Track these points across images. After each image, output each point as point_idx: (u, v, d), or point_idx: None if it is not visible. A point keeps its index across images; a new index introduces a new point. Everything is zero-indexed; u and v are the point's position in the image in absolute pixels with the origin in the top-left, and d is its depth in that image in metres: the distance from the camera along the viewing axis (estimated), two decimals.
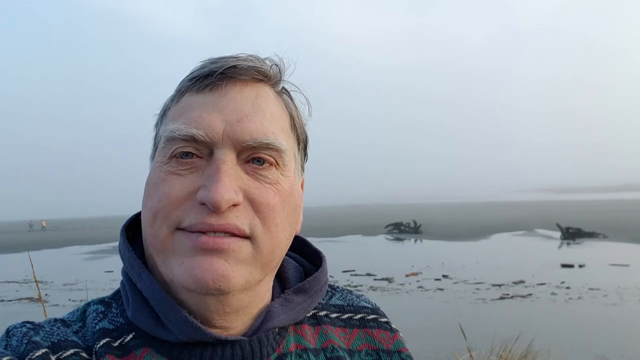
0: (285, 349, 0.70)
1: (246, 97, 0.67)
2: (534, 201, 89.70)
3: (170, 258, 0.63)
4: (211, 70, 0.67)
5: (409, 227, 34.41)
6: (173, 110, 0.68)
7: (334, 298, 0.82)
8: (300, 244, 0.83)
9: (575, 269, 16.27)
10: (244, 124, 0.65)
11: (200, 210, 0.62)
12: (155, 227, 0.64)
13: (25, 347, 0.61)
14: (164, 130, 0.67)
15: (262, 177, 0.65)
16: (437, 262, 18.43)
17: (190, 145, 0.64)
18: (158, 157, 0.67)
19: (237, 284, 0.62)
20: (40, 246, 33.86)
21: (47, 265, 21.31)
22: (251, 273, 0.64)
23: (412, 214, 45.45)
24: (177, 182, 0.64)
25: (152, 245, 0.65)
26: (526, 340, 5.44)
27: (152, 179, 0.66)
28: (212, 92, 0.66)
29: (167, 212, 0.63)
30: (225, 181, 0.61)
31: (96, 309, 0.70)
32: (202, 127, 0.64)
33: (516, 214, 47.62)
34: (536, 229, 31.90)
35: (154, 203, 0.64)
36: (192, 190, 0.63)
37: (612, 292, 12.39)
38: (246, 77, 0.68)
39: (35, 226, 69.21)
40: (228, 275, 0.61)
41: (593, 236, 26.36)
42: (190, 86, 0.68)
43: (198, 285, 0.61)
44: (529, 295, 12.45)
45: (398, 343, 0.80)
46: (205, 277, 0.60)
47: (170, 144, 0.65)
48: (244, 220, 0.63)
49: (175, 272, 0.62)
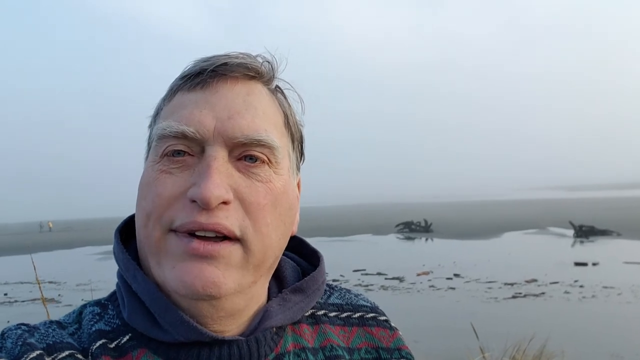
0: (283, 348, 0.70)
1: (237, 93, 0.66)
2: (546, 199, 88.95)
3: (162, 260, 0.63)
4: (202, 68, 0.66)
5: (420, 225, 34.24)
6: (165, 110, 0.68)
7: (332, 297, 0.82)
8: (297, 243, 0.82)
9: (588, 267, 16.08)
10: (234, 120, 0.64)
11: (191, 209, 0.61)
12: (149, 228, 0.63)
13: (20, 349, 0.61)
14: (156, 129, 0.66)
15: (253, 175, 0.64)
16: (448, 261, 18.32)
17: (182, 143, 0.64)
18: (151, 156, 0.67)
19: (228, 289, 0.62)
20: (53, 247, 34.19)
21: (60, 266, 21.52)
22: (243, 276, 0.63)
23: (423, 212, 45.29)
24: (169, 181, 0.63)
25: (146, 247, 0.65)
26: (540, 340, 5.39)
27: (145, 178, 0.66)
28: (203, 90, 0.66)
29: (159, 213, 0.63)
30: (215, 178, 0.61)
31: (92, 311, 0.69)
32: (192, 124, 0.63)
33: (528, 212, 47.27)
34: (549, 227, 31.60)
35: (147, 204, 0.64)
36: (183, 190, 0.62)
37: (626, 290, 12.23)
38: (237, 74, 0.67)
39: (45, 227, 69.97)
40: (219, 281, 0.61)
41: (606, 234, 26.05)
42: (182, 85, 0.67)
43: (188, 291, 0.61)
44: (542, 294, 12.33)
45: (398, 341, 0.79)
46: (194, 284, 0.60)
47: (161, 142, 0.65)
48: (233, 220, 0.62)
49: (166, 275, 0.62)
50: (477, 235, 28.60)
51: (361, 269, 17.10)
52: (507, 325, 8.09)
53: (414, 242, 28.98)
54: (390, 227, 35.65)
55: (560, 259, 17.75)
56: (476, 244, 25.20)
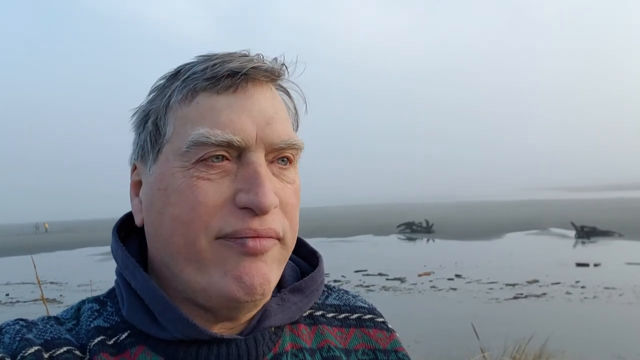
0: (281, 348, 0.70)
1: (267, 98, 0.67)
2: (548, 199, 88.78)
3: (210, 268, 0.62)
4: (231, 70, 0.64)
5: (421, 226, 34.18)
6: (187, 111, 0.64)
7: (330, 298, 0.82)
8: (297, 243, 0.82)
9: (590, 268, 16.06)
10: (272, 126, 0.65)
11: (242, 216, 0.61)
12: (190, 236, 0.61)
13: (18, 344, 0.61)
14: (194, 135, 0.62)
15: (284, 176, 0.67)
16: (449, 261, 18.31)
17: (224, 150, 0.63)
18: (176, 161, 0.63)
19: (273, 284, 0.65)
20: (54, 248, 34.22)
21: (61, 267, 21.54)
22: (279, 269, 0.66)
23: (424, 213, 45.25)
24: (210, 188, 0.62)
25: (182, 255, 0.63)
26: (540, 341, 5.39)
27: (174, 184, 0.63)
28: (235, 94, 0.64)
29: (205, 221, 0.61)
30: (268, 184, 0.62)
31: (91, 307, 0.70)
32: (237, 133, 0.62)
33: (530, 212, 47.18)
34: (550, 227, 31.51)
35: (182, 211, 0.62)
36: (228, 196, 0.62)
37: (628, 291, 12.22)
38: (265, 79, 0.67)
39: (41, 228, 70.23)
40: (269, 277, 0.63)
41: (608, 235, 25.97)
42: (209, 86, 0.64)
43: (246, 291, 0.62)
44: (544, 294, 12.32)
45: (395, 343, 0.79)
46: (253, 282, 0.62)
47: (199, 148, 0.62)
48: (278, 223, 0.64)
49: (215, 281, 0.62)
50: (478, 236, 28.56)
51: (362, 269, 17.10)
52: (509, 326, 8.08)
53: (416, 242, 28.96)
54: (391, 228, 35.62)
55: (562, 260, 17.72)
56: (478, 244, 25.18)
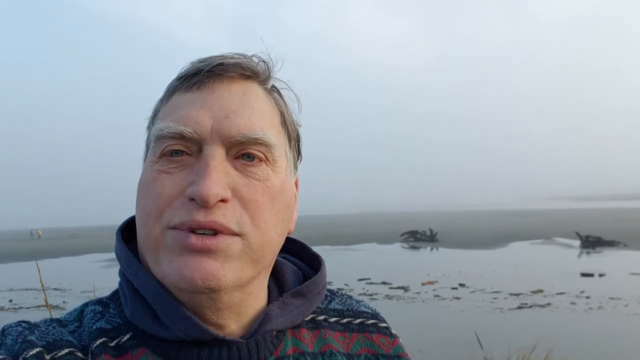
0: (282, 352, 0.70)
1: (234, 93, 0.67)
2: (553, 209, 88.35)
3: (160, 256, 0.63)
4: (198, 69, 0.67)
5: (425, 235, 34.06)
6: (163, 111, 0.69)
7: (333, 302, 0.82)
8: (299, 248, 0.83)
9: (595, 278, 15.96)
10: (231, 119, 0.65)
11: (190, 207, 0.62)
12: (149, 226, 0.64)
13: (20, 346, 0.61)
14: (154, 130, 0.67)
15: (251, 173, 0.65)
16: (453, 270, 18.23)
17: (179, 143, 0.65)
18: (149, 157, 0.68)
19: (228, 281, 0.62)
20: (59, 254, 34.28)
21: (65, 273, 21.56)
22: (242, 269, 0.64)
23: (428, 221, 45.15)
24: (168, 180, 0.64)
25: (145, 245, 0.65)
26: (544, 351, 5.35)
27: (144, 178, 0.67)
28: (200, 90, 0.67)
29: (159, 212, 0.63)
30: (214, 176, 0.61)
31: (94, 309, 0.70)
32: (190, 124, 0.64)
33: (534, 222, 46.98)
34: (555, 237, 31.35)
35: (146, 203, 0.65)
36: (182, 188, 0.63)
37: (633, 301, 12.13)
38: (233, 74, 0.68)
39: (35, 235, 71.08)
40: (218, 274, 0.61)
41: (613, 245, 25.82)
42: (179, 85, 0.68)
43: (187, 284, 0.61)
44: (548, 304, 12.24)
45: (398, 348, 0.79)
46: (194, 277, 0.61)
47: (159, 142, 0.66)
48: (231, 218, 0.62)
49: (165, 270, 0.63)
50: (482, 245, 28.45)
51: (366, 278, 17.05)
52: (513, 335, 8.03)
53: (419, 251, 28.86)
54: (395, 236, 35.53)
55: (567, 270, 17.62)
56: (482, 253, 25.07)
